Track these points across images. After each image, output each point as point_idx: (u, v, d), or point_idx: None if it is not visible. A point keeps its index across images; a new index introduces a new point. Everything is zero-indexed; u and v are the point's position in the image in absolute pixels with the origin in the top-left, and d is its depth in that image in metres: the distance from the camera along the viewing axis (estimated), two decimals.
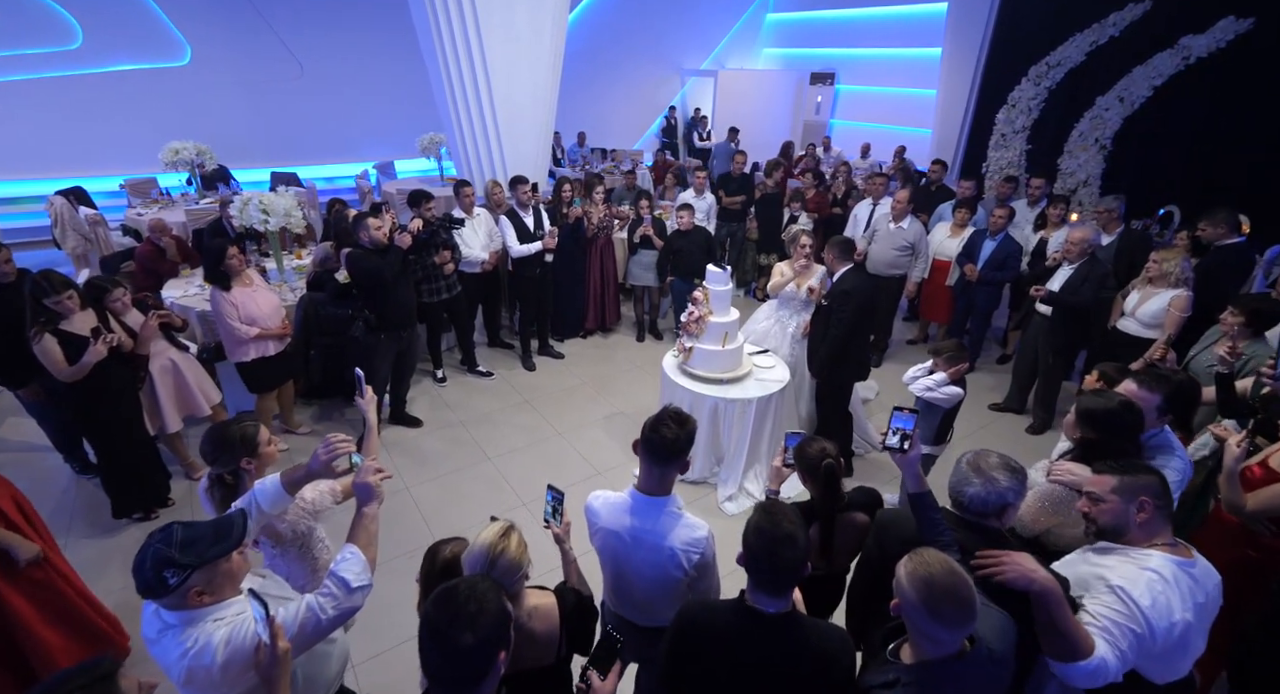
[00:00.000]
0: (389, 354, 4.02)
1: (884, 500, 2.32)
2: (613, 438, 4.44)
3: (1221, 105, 7.26)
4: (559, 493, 1.90)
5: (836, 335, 3.60)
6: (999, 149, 9.40)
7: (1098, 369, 2.89)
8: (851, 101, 12.07)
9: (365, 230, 3.69)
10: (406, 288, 4.04)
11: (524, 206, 4.90)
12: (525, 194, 4.83)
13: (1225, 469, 2.17)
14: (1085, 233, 4.07)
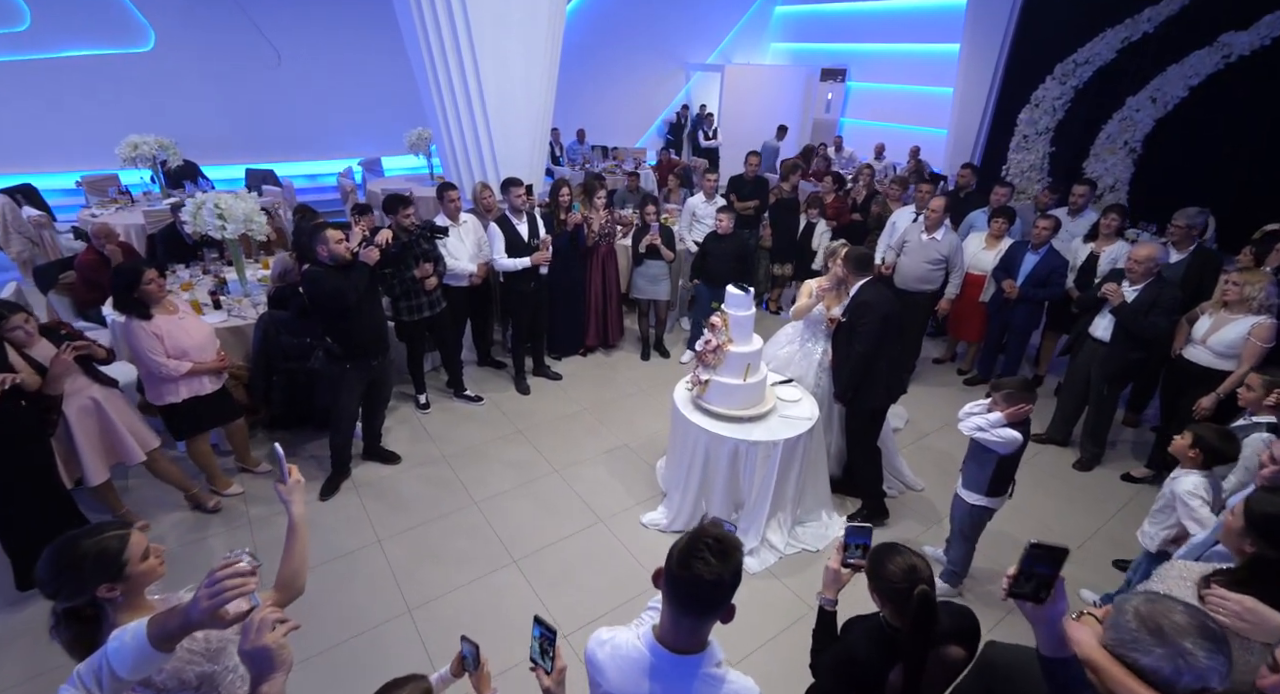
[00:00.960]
0: (357, 386, 3.49)
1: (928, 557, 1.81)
2: (615, 476, 3.94)
3: (1263, 107, 6.80)
4: (550, 631, 1.36)
5: (861, 352, 3.13)
6: (1020, 151, 8.93)
7: (1191, 432, 2.42)
8: (863, 99, 11.56)
9: (323, 244, 3.14)
10: (375, 310, 3.50)
11: (518, 212, 4.38)
12: (519, 198, 4.31)
13: None
14: (1151, 250, 3.59)
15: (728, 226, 4.86)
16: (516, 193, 4.28)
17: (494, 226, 4.32)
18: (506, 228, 4.33)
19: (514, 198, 4.28)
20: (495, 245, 4.31)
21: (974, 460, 2.80)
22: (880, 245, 5.45)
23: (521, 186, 4.30)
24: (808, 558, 3.34)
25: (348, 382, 3.42)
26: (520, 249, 4.36)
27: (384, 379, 3.69)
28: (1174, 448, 2.48)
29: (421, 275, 4.02)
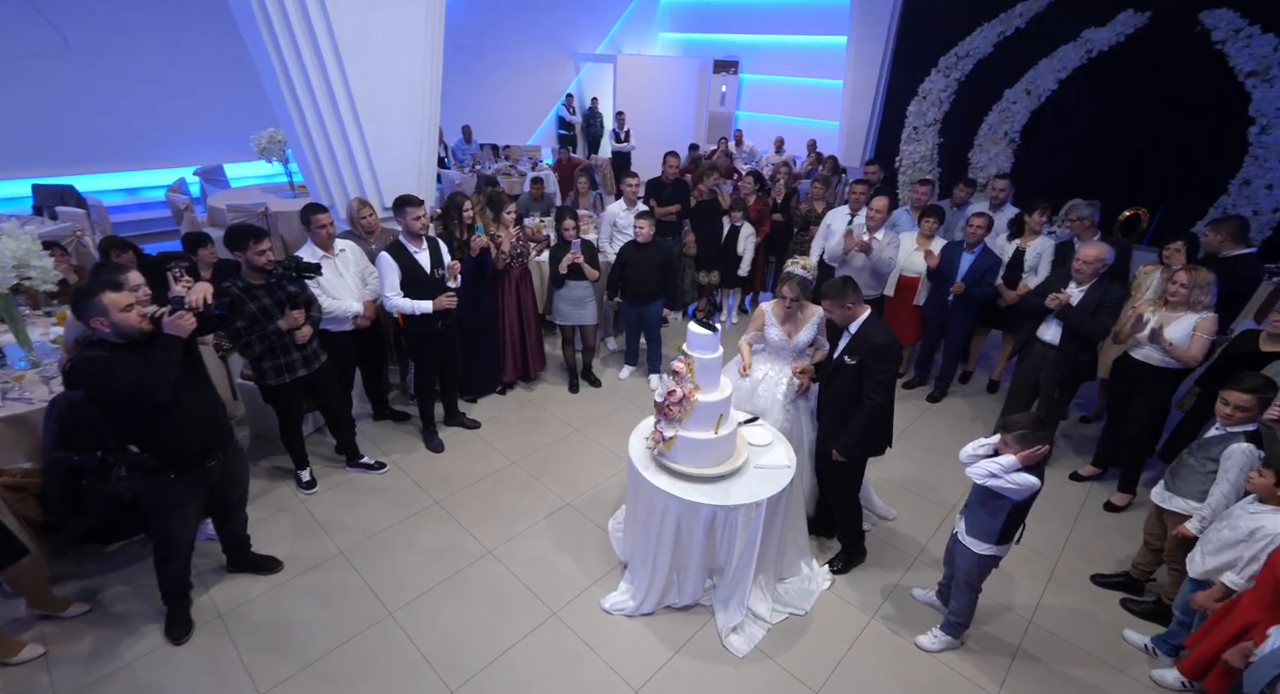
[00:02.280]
0: (189, 503, 2.53)
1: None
2: (562, 548, 3.31)
3: (1122, 98, 7.33)
4: None
5: (876, 403, 2.74)
6: (911, 142, 9.17)
7: (1274, 469, 2.25)
8: (756, 92, 11.48)
9: (100, 314, 2.11)
10: (202, 397, 2.50)
11: (415, 238, 3.57)
12: (418, 221, 3.51)
13: None
14: (1100, 250, 3.51)
15: (649, 234, 4.35)
16: (415, 215, 3.47)
17: (384, 259, 3.48)
18: (402, 258, 3.51)
19: (412, 221, 3.47)
20: (386, 280, 3.48)
21: (983, 508, 2.49)
22: (815, 248, 5.19)
23: (420, 207, 3.49)
24: (796, 624, 2.92)
25: (173, 499, 2.46)
26: (423, 284, 3.56)
27: (232, 477, 2.75)
28: (1255, 486, 2.30)
29: (290, 326, 3.13)
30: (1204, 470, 2.68)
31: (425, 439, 4.08)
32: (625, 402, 4.72)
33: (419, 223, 3.48)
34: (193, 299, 2.28)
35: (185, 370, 2.34)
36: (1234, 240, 3.71)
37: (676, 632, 2.85)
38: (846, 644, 2.83)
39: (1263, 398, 2.51)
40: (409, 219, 3.46)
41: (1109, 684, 2.67)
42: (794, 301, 3.18)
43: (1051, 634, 2.90)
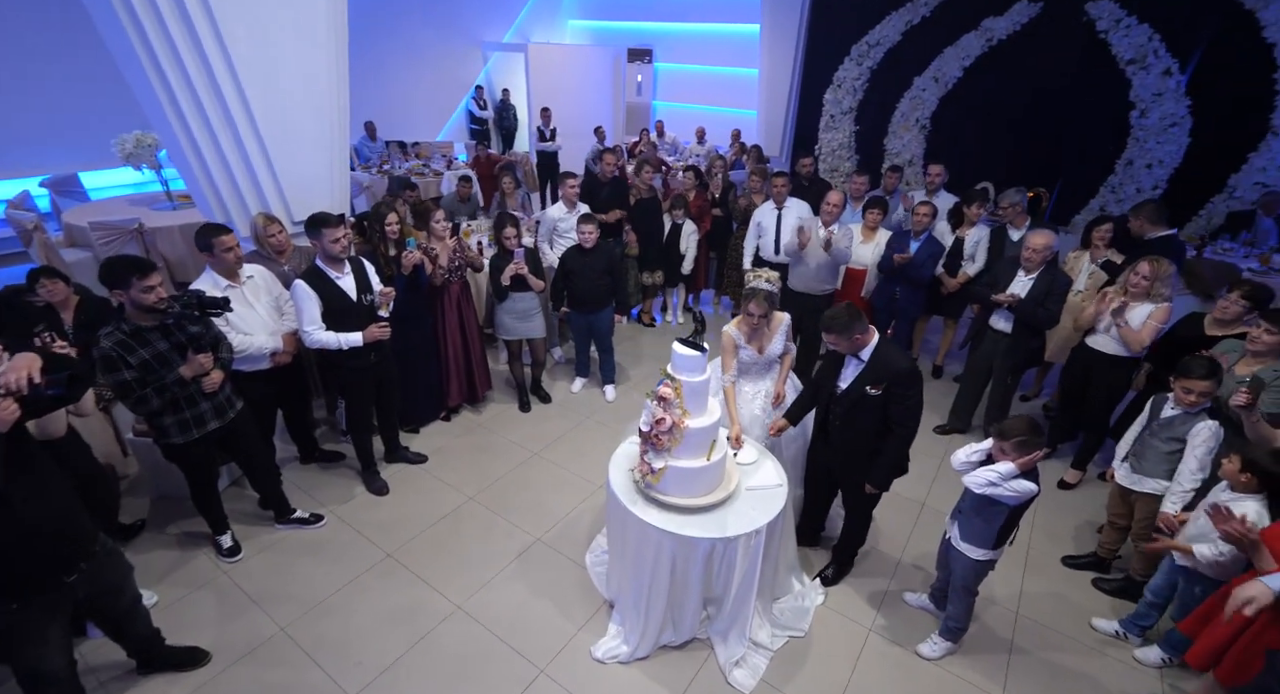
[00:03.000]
0: (46, 630, 1.97)
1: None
2: (539, 592, 3.02)
3: (1021, 84, 7.76)
4: None
5: (906, 434, 2.62)
6: (829, 130, 9.35)
7: (1241, 457, 2.31)
8: (672, 81, 11.33)
9: None
10: (41, 497, 1.88)
11: (336, 262, 3.10)
12: (337, 244, 3.04)
13: None
14: (1047, 239, 3.60)
15: (595, 238, 4.08)
16: (333, 237, 2.99)
17: (300, 289, 2.98)
18: (322, 286, 3.03)
19: (330, 244, 3.00)
20: (304, 313, 2.99)
21: (979, 516, 2.45)
22: (748, 247, 5.10)
23: (339, 227, 3.02)
24: (797, 647, 2.80)
25: (21, 634, 1.92)
26: (350, 313, 3.10)
27: (107, 587, 2.16)
28: (1225, 472, 2.36)
29: (195, 373, 2.62)
30: (1169, 450, 2.78)
31: (366, 482, 3.64)
32: (582, 417, 4.44)
33: (338, 245, 3.02)
34: (10, 381, 1.69)
35: (13, 467, 1.79)
36: (1152, 222, 3.92)
37: (677, 674, 2.65)
38: (850, 662, 2.74)
39: (1215, 381, 2.62)
40: (326, 242, 2.99)
41: (1097, 669, 2.74)
42: (762, 318, 3.02)
43: (1037, 624, 2.95)
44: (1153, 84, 7.09)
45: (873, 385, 2.60)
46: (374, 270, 3.28)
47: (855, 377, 2.67)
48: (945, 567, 2.78)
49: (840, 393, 2.74)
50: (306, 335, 3.02)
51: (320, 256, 3.07)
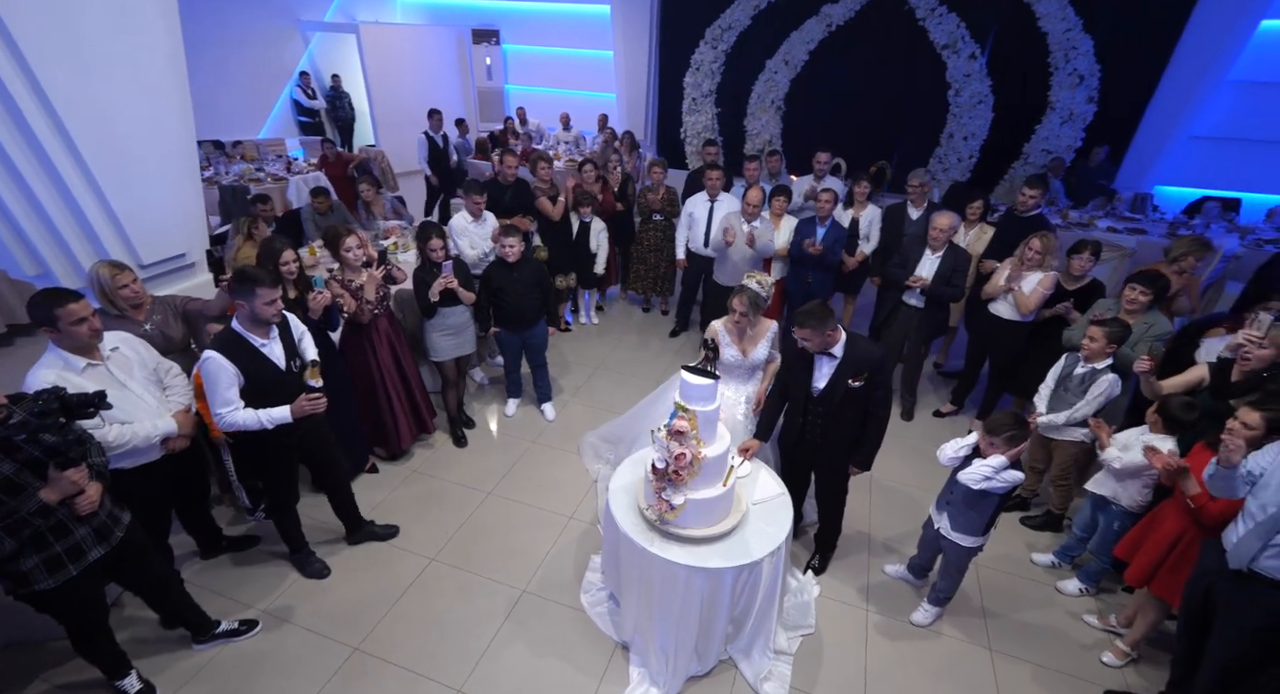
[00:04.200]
0: None
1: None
2: (546, 652, 2.78)
3: (857, 67, 8.46)
4: None
5: (885, 416, 2.77)
6: (692, 113, 9.51)
7: (1159, 413, 2.71)
8: (524, 63, 10.78)
9: None
10: None
11: (263, 326, 2.49)
12: (273, 306, 2.43)
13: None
14: (950, 219, 3.96)
15: (520, 251, 3.76)
16: (269, 299, 2.39)
17: (214, 362, 2.34)
18: (244, 358, 2.42)
19: (263, 307, 2.39)
20: (219, 392, 2.37)
21: (972, 509, 2.65)
22: (680, 239, 5.06)
23: (277, 287, 2.41)
24: (811, 645, 2.88)
25: None
26: (277, 385, 2.52)
27: None
28: (1150, 420, 2.76)
29: (64, 495, 1.98)
30: (1079, 400, 3.23)
31: (299, 566, 3.08)
32: (526, 443, 4.14)
33: (273, 308, 2.44)
34: None
35: None
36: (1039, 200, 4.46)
37: None
38: (860, 646, 2.88)
39: (1113, 333, 3.08)
40: (259, 304, 2.40)
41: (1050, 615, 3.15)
42: (743, 316, 2.99)
43: (993, 570, 3.31)
44: (962, 66, 8.09)
45: (854, 378, 2.69)
46: (304, 330, 2.71)
47: (833, 373, 2.74)
48: (928, 550, 3.01)
49: (820, 393, 2.79)
50: (219, 418, 2.42)
51: (243, 320, 2.46)
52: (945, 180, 8.68)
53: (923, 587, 3.15)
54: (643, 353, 5.31)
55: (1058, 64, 7.79)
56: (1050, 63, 7.82)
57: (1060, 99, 7.92)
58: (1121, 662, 2.82)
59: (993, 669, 2.79)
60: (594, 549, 3.30)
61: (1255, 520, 2.08)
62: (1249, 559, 2.10)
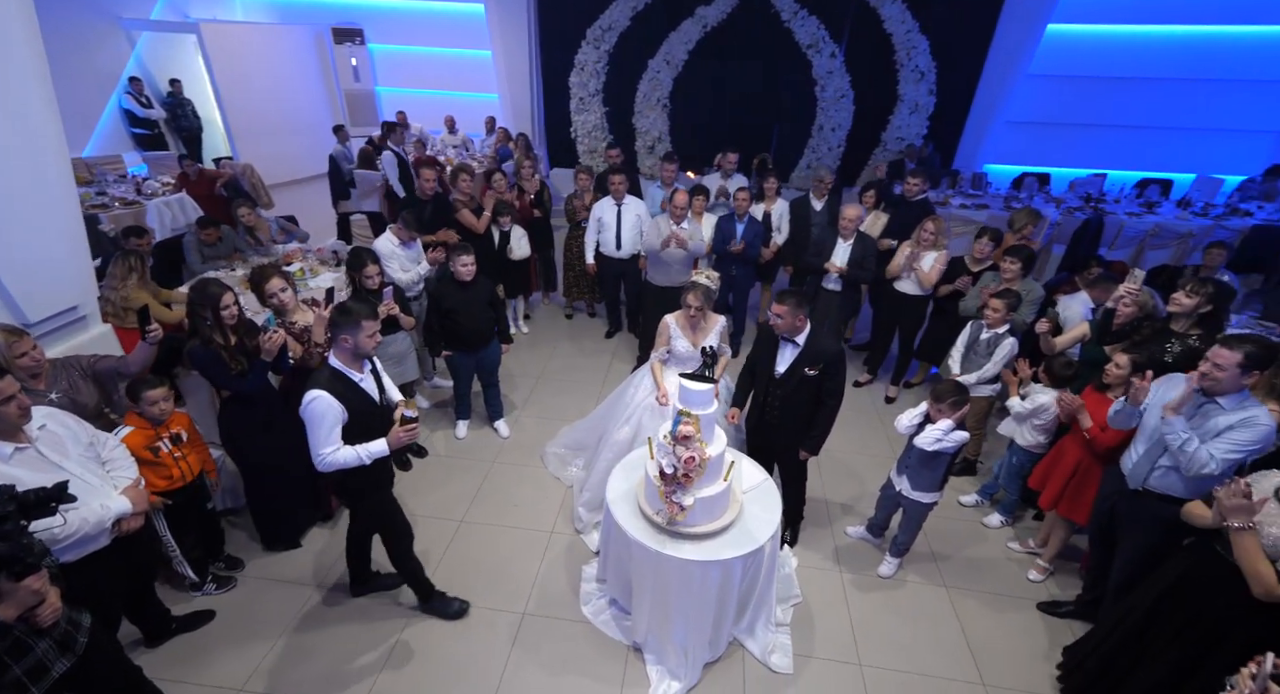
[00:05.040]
0: None
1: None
2: (561, 671, 2.79)
3: (733, 65, 8.94)
4: None
5: (836, 405, 3.03)
6: (581, 113, 9.52)
7: (1045, 371, 3.25)
8: (394, 64, 10.17)
9: None
10: None
11: (361, 360, 2.42)
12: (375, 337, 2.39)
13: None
14: (857, 211, 4.40)
15: (472, 271, 3.68)
16: (372, 331, 2.36)
17: (323, 402, 2.23)
18: (349, 394, 2.34)
19: (366, 339, 2.36)
20: (324, 433, 2.27)
21: (926, 467, 3.02)
22: (589, 242, 5.12)
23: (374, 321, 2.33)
24: (802, 612, 3.14)
25: None
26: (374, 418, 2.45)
27: None
28: (1041, 376, 3.31)
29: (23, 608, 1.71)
30: (986, 361, 3.77)
31: (438, 612, 2.98)
32: (486, 464, 4.05)
33: (376, 341, 2.39)
34: None
35: None
36: (923, 187, 5.04)
37: (729, 685, 2.77)
38: (843, 606, 3.19)
39: (1010, 303, 3.63)
40: (363, 338, 2.31)
41: (984, 547, 3.65)
42: (698, 310, 3.17)
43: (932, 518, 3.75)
44: (825, 64, 8.82)
45: (810, 367, 2.97)
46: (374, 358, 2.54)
47: (793, 360, 3.00)
48: (887, 509, 3.38)
49: (780, 376, 3.05)
50: (320, 459, 2.29)
51: (342, 356, 2.36)
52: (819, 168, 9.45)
53: (881, 544, 3.53)
54: (580, 358, 5.35)
55: (902, 61, 8.73)
56: (896, 60, 8.76)
57: (907, 92, 8.90)
58: (1042, 577, 3.37)
59: (951, 603, 3.22)
60: (583, 560, 3.34)
61: (1145, 447, 2.60)
62: (1142, 480, 2.62)
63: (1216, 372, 2.33)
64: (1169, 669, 2.33)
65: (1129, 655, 2.46)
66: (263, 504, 3.09)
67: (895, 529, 3.36)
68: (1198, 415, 2.44)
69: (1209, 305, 3.09)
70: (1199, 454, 2.37)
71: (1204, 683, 2.15)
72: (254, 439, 2.86)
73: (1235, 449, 2.34)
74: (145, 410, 2.50)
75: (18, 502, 1.65)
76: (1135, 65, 8.59)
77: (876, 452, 4.31)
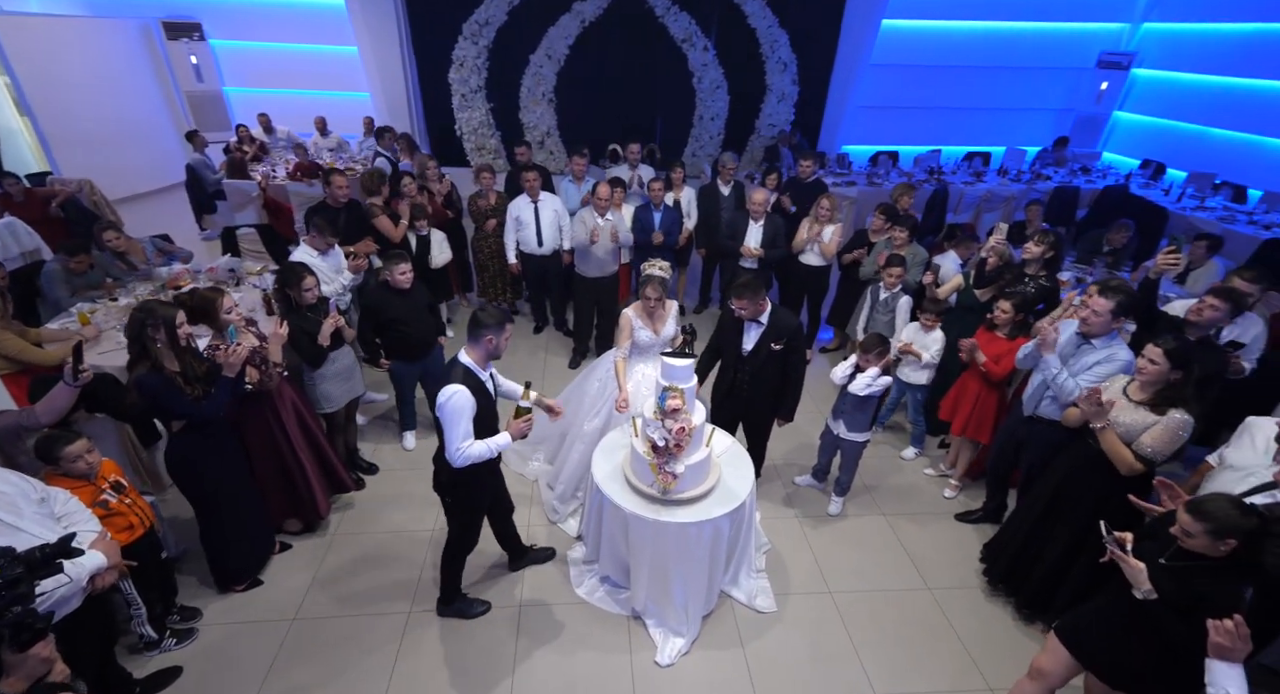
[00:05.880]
0: None
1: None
2: (572, 650, 2.91)
3: (614, 58, 9.14)
4: None
5: (801, 375, 3.37)
6: (464, 110, 9.29)
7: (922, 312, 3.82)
8: (242, 62, 9.23)
9: None
10: None
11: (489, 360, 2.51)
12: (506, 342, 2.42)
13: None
14: (765, 194, 4.80)
15: (409, 278, 3.61)
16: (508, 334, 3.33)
17: (462, 397, 2.41)
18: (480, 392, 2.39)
19: (504, 341, 2.63)
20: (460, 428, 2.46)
21: (859, 410, 3.47)
22: (509, 241, 5.11)
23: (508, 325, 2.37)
24: (772, 559, 3.48)
25: None
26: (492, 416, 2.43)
27: None
28: (925, 325, 3.87)
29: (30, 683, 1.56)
30: (886, 319, 4.33)
31: (461, 614, 3.01)
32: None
33: (507, 343, 2.60)
34: None
35: None
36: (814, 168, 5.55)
37: (725, 634, 3.03)
38: (806, 546, 3.58)
39: (904, 268, 4.20)
40: (504, 340, 2.56)
41: (905, 476, 4.22)
42: (657, 300, 3.37)
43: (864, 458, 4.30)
44: (699, 57, 9.30)
45: (775, 342, 3.29)
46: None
47: (759, 338, 3.30)
48: (828, 453, 3.81)
49: (747, 354, 3.35)
50: (459, 452, 2.43)
51: (476, 357, 2.53)
52: (703, 156, 9.99)
53: (825, 487, 3.97)
54: (513, 356, 5.34)
55: (768, 54, 9.42)
56: (763, 53, 9.43)
57: (774, 82, 9.63)
58: (956, 493, 3.98)
59: (890, 527, 3.72)
60: (565, 545, 3.45)
61: (1036, 381, 3.18)
62: (1034, 407, 3.20)
63: (1094, 317, 2.91)
64: (1065, 544, 2.91)
65: (1037, 540, 3.03)
66: (221, 540, 2.86)
67: (836, 471, 3.81)
68: (1077, 352, 3.02)
69: (1052, 251, 3.83)
70: (1067, 384, 2.95)
71: (1091, 552, 2.73)
72: (211, 469, 2.66)
73: (1097, 381, 2.95)
74: (69, 469, 2.25)
75: (25, 563, 1.49)
76: (953, 55, 9.90)
77: (805, 409, 4.76)
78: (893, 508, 3.87)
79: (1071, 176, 8.66)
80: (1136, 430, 2.56)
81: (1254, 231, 6.22)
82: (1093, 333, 2.94)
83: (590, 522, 3.17)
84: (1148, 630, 2.06)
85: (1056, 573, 2.94)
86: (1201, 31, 8.77)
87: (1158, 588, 1.97)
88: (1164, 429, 2.49)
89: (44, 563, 1.54)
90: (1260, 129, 7.92)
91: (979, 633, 3.08)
